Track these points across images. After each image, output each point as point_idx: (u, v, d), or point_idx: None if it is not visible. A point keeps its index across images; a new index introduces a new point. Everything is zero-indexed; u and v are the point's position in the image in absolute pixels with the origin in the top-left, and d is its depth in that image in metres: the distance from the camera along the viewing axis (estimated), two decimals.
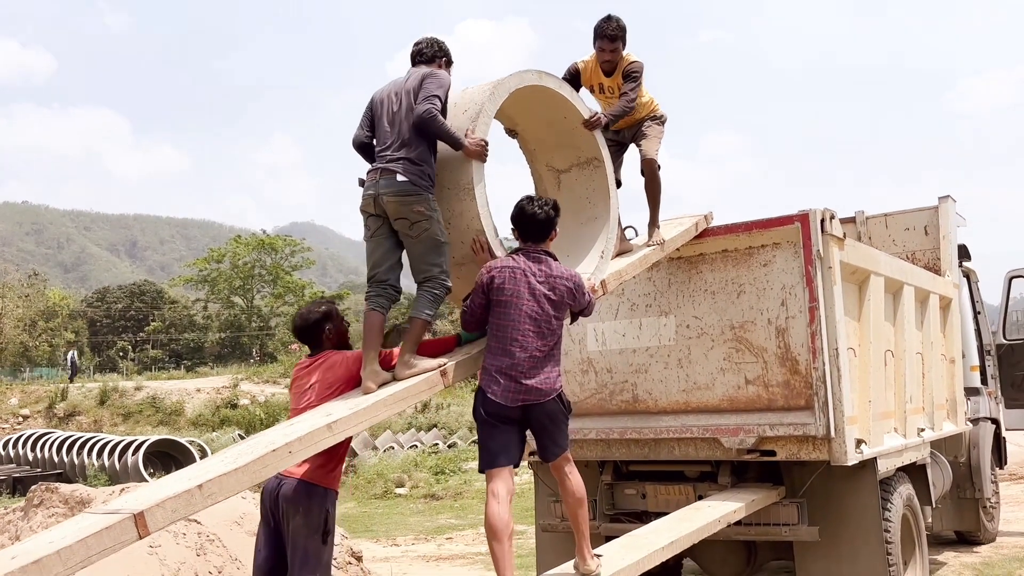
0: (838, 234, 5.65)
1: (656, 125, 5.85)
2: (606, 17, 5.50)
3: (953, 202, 8.75)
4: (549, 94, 4.96)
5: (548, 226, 4.41)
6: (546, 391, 4.24)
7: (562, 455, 4.43)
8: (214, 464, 3.23)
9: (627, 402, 6.13)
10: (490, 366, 4.26)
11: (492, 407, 4.21)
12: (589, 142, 5.19)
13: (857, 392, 5.90)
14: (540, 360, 4.24)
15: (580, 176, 5.30)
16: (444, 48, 4.66)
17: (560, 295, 4.29)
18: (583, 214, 5.26)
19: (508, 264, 4.28)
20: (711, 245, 5.90)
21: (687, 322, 5.94)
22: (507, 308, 4.26)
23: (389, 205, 4.21)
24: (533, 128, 5.34)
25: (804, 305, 5.49)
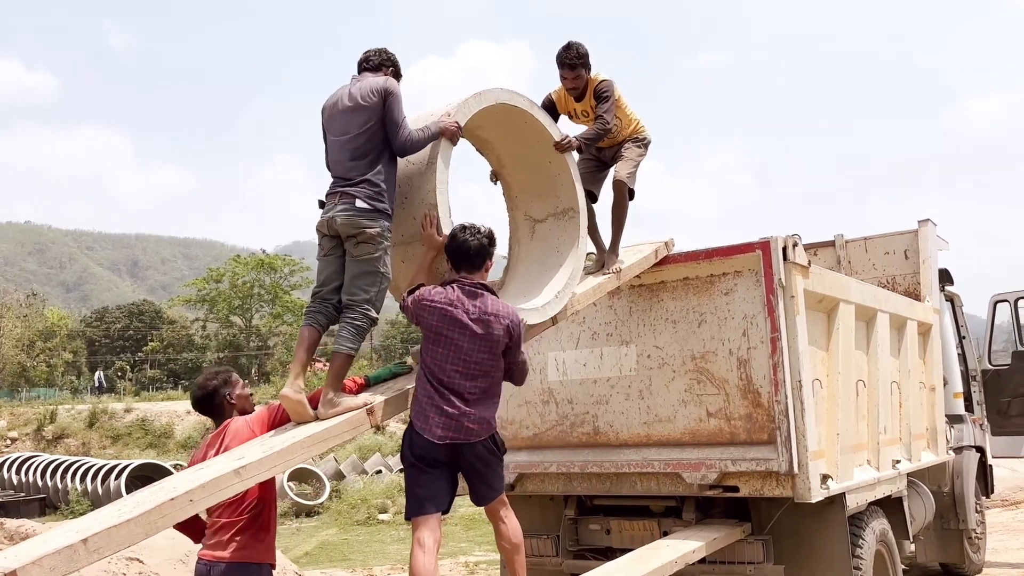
0: (802, 262, 5.47)
1: (636, 147, 5.74)
2: (565, 46, 5.42)
3: (934, 225, 8.58)
4: (520, 115, 4.89)
5: (482, 255, 4.24)
6: (477, 431, 4.06)
7: (497, 499, 4.26)
8: (107, 514, 3.04)
9: (588, 434, 5.93)
10: (421, 396, 4.10)
11: (420, 447, 4.04)
12: (569, 192, 5.14)
13: (824, 425, 5.70)
14: (471, 401, 4.06)
15: (555, 226, 5.23)
16: (393, 59, 4.57)
17: (496, 335, 4.09)
18: (548, 261, 5.15)
19: (439, 300, 4.10)
20: (672, 272, 5.72)
21: (648, 352, 5.75)
22: (436, 346, 4.10)
23: (342, 226, 4.11)
24: (518, 173, 5.30)
25: (766, 335, 5.31)
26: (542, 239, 5.25)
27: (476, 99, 4.59)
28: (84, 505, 17.49)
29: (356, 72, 4.51)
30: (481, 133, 5.16)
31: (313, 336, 4.17)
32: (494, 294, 4.24)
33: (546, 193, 5.25)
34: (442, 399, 4.01)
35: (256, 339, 66.95)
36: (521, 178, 5.33)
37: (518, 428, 6.20)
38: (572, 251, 5.09)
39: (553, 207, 5.25)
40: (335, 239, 4.21)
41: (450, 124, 4.33)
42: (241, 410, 4.17)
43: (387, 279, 4.17)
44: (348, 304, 4.10)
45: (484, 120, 4.93)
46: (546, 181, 5.23)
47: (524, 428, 6.17)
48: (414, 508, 4.07)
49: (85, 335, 73.86)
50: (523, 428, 6.17)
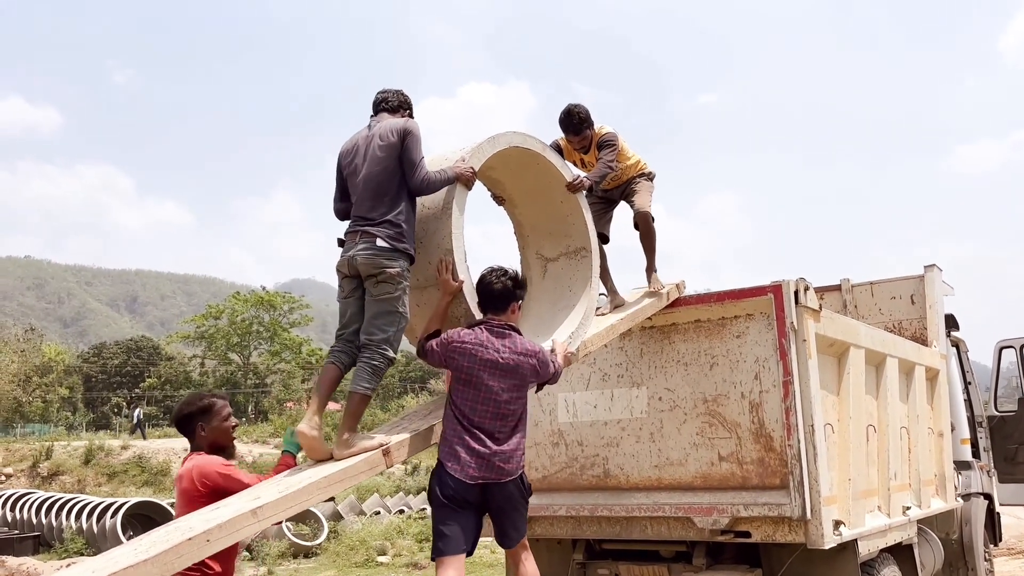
0: (813, 306, 5.48)
1: (645, 180, 5.95)
2: (566, 112, 5.54)
3: (939, 271, 8.61)
4: (533, 157, 4.94)
5: (507, 297, 4.32)
6: (508, 471, 4.11)
7: (520, 541, 4.29)
8: (123, 554, 3.00)
9: (598, 477, 5.89)
10: (451, 436, 4.13)
11: (450, 488, 4.07)
12: (581, 231, 5.19)
13: (836, 470, 5.67)
14: (501, 440, 4.12)
15: (566, 265, 5.27)
16: (409, 101, 4.62)
17: (523, 374, 4.20)
18: (561, 302, 5.17)
19: (469, 340, 4.17)
20: (684, 315, 5.73)
21: (659, 394, 5.73)
22: (468, 387, 4.15)
23: (362, 265, 4.13)
24: (528, 211, 5.35)
25: (778, 379, 5.29)
26: (554, 278, 5.27)
27: (490, 143, 4.64)
28: (78, 543, 17.28)
29: (372, 113, 4.55)
30: (492, 174, 5.21)
31: (335, 374, 4.18)
32: (520, 334, 4.31)
33: (557, 232, 5.29)
34: (473, 439, 4.06)
35: (254, 376, 66.73)
36: (532, 216, 5.37)
37: (527, 470, 6.10)
38: (585, 291, 5.11)
39: (565, 246, 5.28)
40: (355, 279, 4.23)
41: (465, 170, 4.36)
42: (212, 443, 3.95)
43: (405, 319, 4.19)
44: (366, 344, 4.11)
45: (496, 162, 4.98)
46: (558, 220, 5.27)
47: (533, 470, 6.12)
48: (440, 548, 4.08)
49: (82, 371, 73.54)
50: (532, 470, 6.12)
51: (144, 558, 2.85)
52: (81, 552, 16.90)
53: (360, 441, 3.98)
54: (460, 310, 4.34)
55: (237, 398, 65.78)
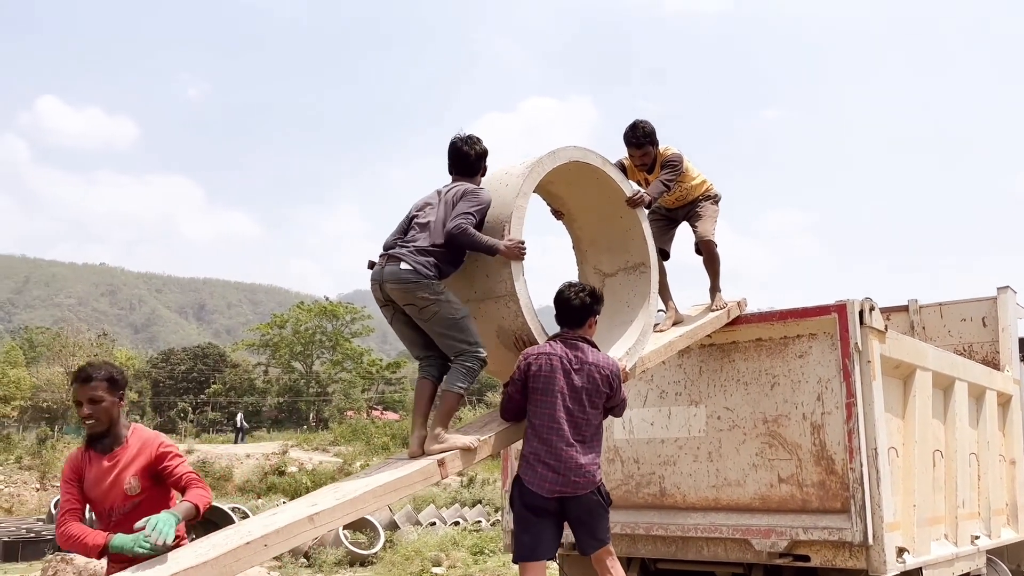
0: (878, 326, 5.35)
1: (710, 205, 5.92)
2: (631, 126, 5.55)
3: (1013, 293, 8.34)
4: (593, 171, 4.97)
5: (584, 312, 4.40)
6: (583, 484, 4.19)
7: (602, 548, 4.34)
8: (184, 556, 3.07)
9: (654, 495, 5.83)
10: (528, 454, 4.23)
11: (528, 498, 4.18)
12: (640, 247, 5.19)
13: (900, 495, 5.52)
14: (577, 451, 4.17)
15: (625, 281, 5.28)
16: (486, 155, 4.62)
17: (595, 383, 4.26)
18: (618, 317, 5.18)
19: (544, 351, 4.28)
20: (744, 333, 5.65)
21: (718, 413, 5.65)
22: (543, 396, 4.23)
23: (393, 293, 4.23)
24: (588, 225, 5.38)
25: (841, 400, 5.18)
26: (612, 293, 5.26)
27: (550, 158, 4.66)
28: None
29: (449, 164, 4.61)
30: (552, 188, 5.23)
31: (429, 388, 4.33)
32: (594, 346, 4.37)
33: (616, 247, 5.28)
34: (548, 453, 4.14)
35: (316, 385, 67.65)
36: (591, 231, 5.38)
37: None
38: (643, 306, 5.08)
39: (624, 261, 5.27)
40: (390, 305, 4.31)
41: (514, 247, 4.31)
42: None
43: (465, 315, 4.24)
44: (456, 354, 4.21)
45: (556, 176, 5.00)
46: (617, 235, 5.26)
47: None
48: (522, 553, 4.22)
49: (151, 376, 75.46)
50: None
51: (204, 560, 2.90)
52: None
53: (451, 438, 4.09)
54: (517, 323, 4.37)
55: (299, 406, 66.82)
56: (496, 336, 4.50)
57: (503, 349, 4.53)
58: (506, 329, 4.43)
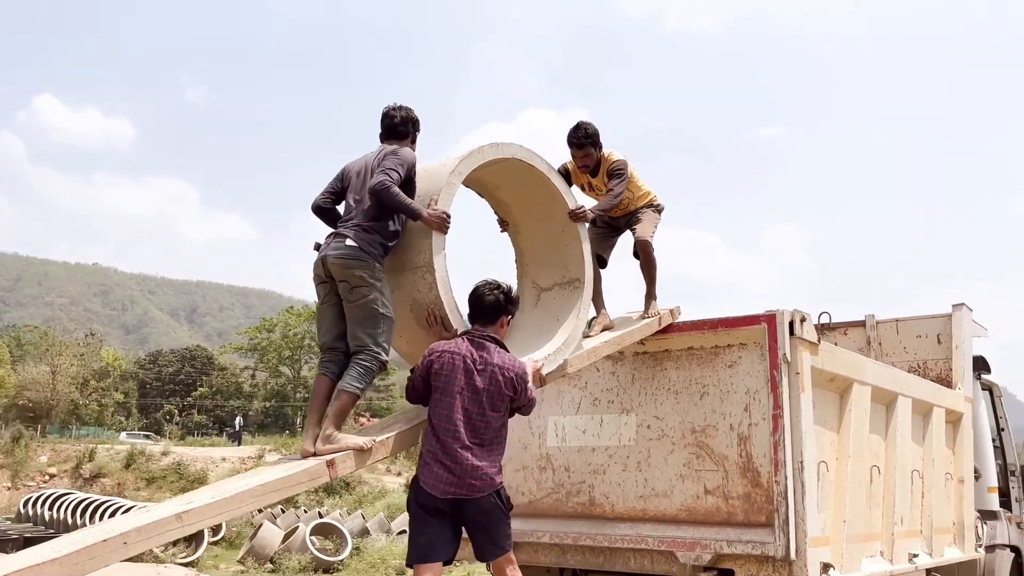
0: (810, 338, 5.28)
1: (651, 211, 5.87)
2: (575, 126, 5.54)
3: (969, 311, 8.28)
4: (540, 180, 4.92)
5: (497, 311, 4.31)
6: (479, 486, 4.06)
7: (503, 556, 4.23)
8: (41, 552, 2.97)
9: (583, 505, 5.74)
10: (425, 453, 4.12)
11: (423, 498, 4.06)
12: (577, 263, 5.13)
13: (830, 511, 5.44)
14: (473, 453, 4.06)
15: (559, 295, 5.21)
16: (417, 124, 4.63)
17: (497, 385, 4.14)
18: (545, 327, 5.10)
19: (449, 349, 4.17)
20: (677, 341, 5.57)
21: (648, 422, 5.57)
22: (443, 395, 4.13)
23: (333, 267, 4.16)
24: (532, 240, 5.32)
25: (768, 412, 5.10)
26: (544, 308, 5.20)
27: (493, 148, 4.60)
28: None
29: (380, 131, 4.60)
30: (500, 194, 5.18)
31: (327, 386, 4.20)
32: (503, 347, 4.26)
33: (555, 262, 5.24)
34: (445, 454, 4.03)
35: (303, 390, 67.39)
36: (534, 245, 5.35)
37: (513, 494, 5.97)
38: (569, 319, 5.00)
39: (560, 276, 5.21)
40: (328, 284, 4.25)
41: (438, 215, 4.24)
42: None
43: (389, 318, 4.18)
44: (356, 349, 4.13)
45: (503, 180, 4.96)
46: (557, 250, 5.22)
47: (520, 494, 5.98)
48: (415, 555, 4.08)
49: (138, 377, 75.13)
50: (518, 494, 5.98)
51: (55, 556, 2.81)
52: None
53: (344, 439, 3.97)
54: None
55: (285, 410, 66.56)
56: (410, 311, 4.39)
57: (415, 328, 4.42)
58: (420, 303, 4.32)
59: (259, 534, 17.59)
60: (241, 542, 18.74)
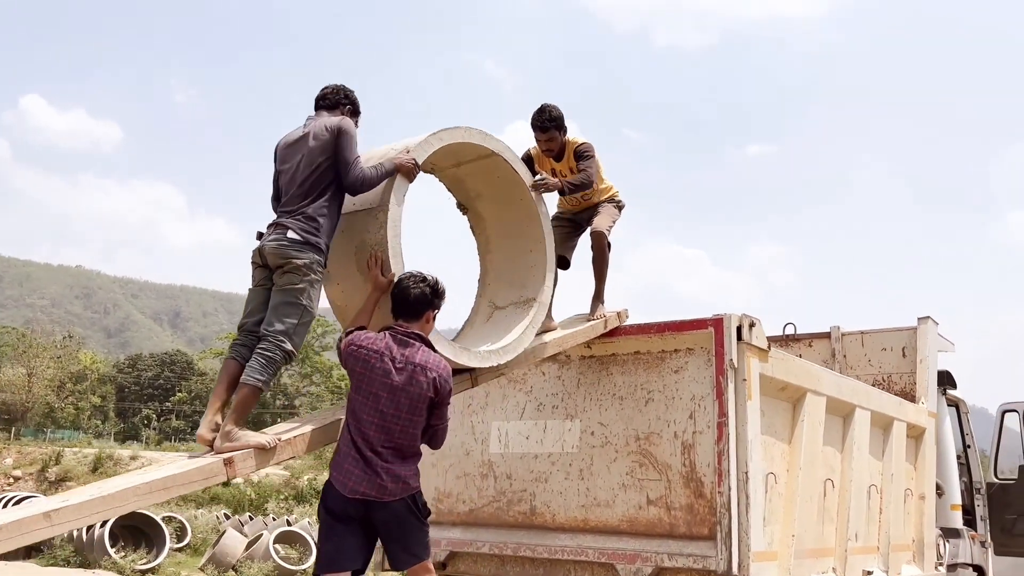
0: (759, 344, 5.08)
1: (612, 206, 5.72)
2: (539, 109, 5.39)
3: (935, 324, 8.13)
4: (514, 182, 4.83)
5: (422, 305, 4.06)
6: (392, 490, 3.82)
7: (418, 565, 3.98)
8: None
9: (524, 514, 5.51)
10: (339, 450, 3.89)
11: (333, 500, 3.84)
12: (537, 283, 4.99)
13: (779, 524, 5.24)
14: (387, 456, 3.83)
15: (512, 313, 5.04)
16: (351, 96, 4.48)
17: (419, 386, 3.89)
18: (492, 337, 4.90)
19: (367, 345, 3.93)
20: (624, 345, 5.37)
21: (592, 428, 5.36)
22: (357, 393, 3.91)
23: (269, 256, 4.00)
24: (500, 258, 5.21)
25: (713, 420, 4.90)
26: (495, 324, 5.04)
27: (448, 134, 4.47)
28: (67, 551, 17.08)
29: (313, 110, 4.45)
30: (480, 207, 5.12)
31: (234, 370, 3.96)
32: (429, 346, 4.04)
33: (515, 282, 5.11)
34: (358, 452, 3.81)
35: (283, 398, 66.89)
36: (500, 263, 5.23)
37: (454, 502, 5.80)
38: (517, 328, 4.82)
39: (518, 296, 5.08)
40: (265, 269, 4.10)
41: (407, 161, 4.20)
42: None
43: (309, 313, 4.00)
44: (263, 334, 3.93)
45: (484, 188, 4.93)
46: (521, 269, 5.10)
47: (460, 502, 5.77)
48: (323, 564, 3.86)
49: (116, 380, 74.42)
50: (459, 502, 5.77)
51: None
52: (68, 560, 16.71)
53: (245, 437, 3.73)
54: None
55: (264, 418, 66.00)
56: (355, 254, 4.21)
57: (355, 276, 4.23)
58: (366, 244, 4.14)
59: (222, 541, 17.25)
60: (205, 549, 18.39)
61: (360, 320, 4.12)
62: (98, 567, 16.21)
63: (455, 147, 4.54)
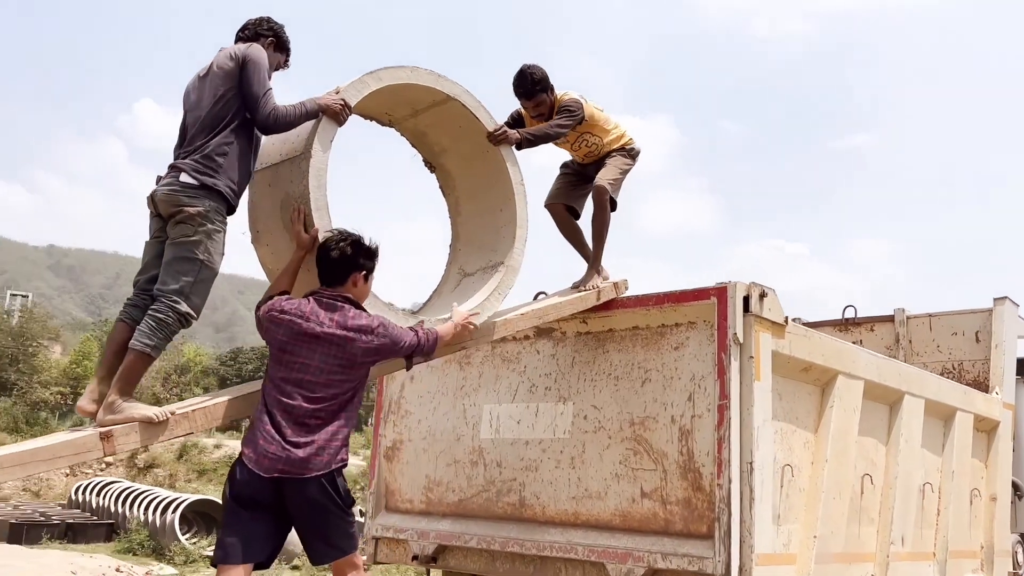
0: (772, 317, 4.44)
1: (622, 157, 5.14)
2: (518, 73, 4.89)
3: (1014, 305, 7.23)
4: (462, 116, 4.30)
5: (345, 266, 3.61)
6: (310, 465, 3.36)
7: (344, 559, 3.51)
8: None
9: (513, 506, 5.00)
10: (255, 422, 3.46)
11: (241, 482, 3.39)
12: (507, 246, 4.46)
13: (797, 523, 4.58)
14: (309, 427, 3.40)
15: (479, 279, 4.53)
16: (275, 28, 3.97)
17: (351, 353, 3.47)
18: (462, 298, 4.40)
19: (289, 310, 3.51)
20: (622, 320, 4.79)
21: (585, 412, 4.80)
22: (278, 365, 3.49)
23: (161, 203, 3.57)
24: (470, 222, 4.74)
25: (714, 402, 4.29)
26: (461, 291, 4.53)
27: (389, 73, 3.97)
28: (141, 535, 17.39)
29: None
30: (445, 162, 4.66)
31: (124, 334, 3.51)
32: (359, 307, 3.61)
33: (486, 247, 4.61)
34: (274, 425, 3.39)
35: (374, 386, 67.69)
36: (470, 227, 4.75)
37: (444, 491, 5.33)
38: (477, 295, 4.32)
39: (487, 261, 4.56)
40: (160, 219, 3.65)
41: (334, 101, 3.73)
42: None
43: (208, 269, 3.55)
44: (156, 294, 3.49)
45: (446, 140, 4.51)
46: (491, 231, 4.60)
47: (450, 492, 5.29)
48: (220, 554, 3.42)
49: (219, 373, 76.81)
50: (449, 491, 5.30)
51: None
52: (143, 544, 16.98)
53: (131, 408, 3.31)
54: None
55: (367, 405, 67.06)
56: (280, 209, 3.79)
57: (281, 233, 3.81)
58: (291, 197, 3.71)
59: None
60: None
61: (281, 284, 3.70)
62: (168, 551, 16.39)
63: (405, 92, 4.06)
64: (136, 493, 20.03)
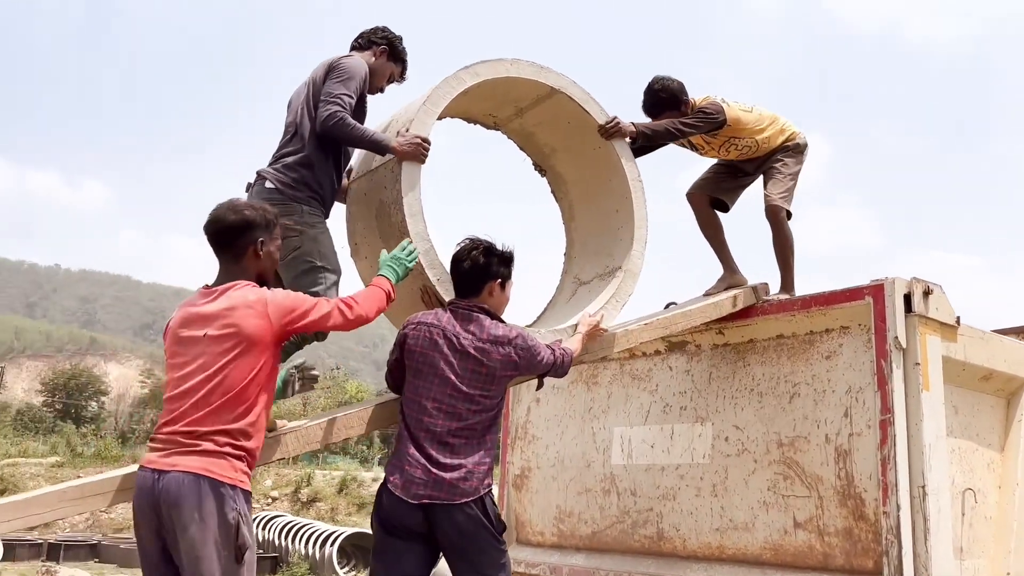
0: (941, 318, 3.84)
1: (787, 157, 4.66)
2: (646, 90, 4.60)
3: None
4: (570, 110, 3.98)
5: (479, 276, 3.39)
6: (461, 489, 3.13)
7: None
8: None
9: (650, 538, 4.54)
10: (398, 446, 3.28)
11: (388, 508, 3.20)
12: (623, 251, 4.12)
13: (984, 558, 3.92)
14: (455, 448, 3.18)
15: (595, 287, 4.20)
16: (389, 36, 3.81)
17: (493, 364, 3.24)
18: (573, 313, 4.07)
19: (427, 321, 3.32)
20: (764, 329, 4.29)
21: (726, 433, 4.30)
22: (417, 378, 3.28)
23: None
24: (584, 225, 4.44)
25: (875, 418, 3.72)
26: (578, 301, 4.19)
27: (487, 68, 3.69)
28: (303, 568, 17.75)
29: None
30: (556, 164, 4.35)
31: None
32: (495, 318, 3.38)
33: (601, 252, 4.27)
34: (418, 448, 3.19)
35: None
36: (585, 232, 4.42)
37: (576, 522, 4.93)
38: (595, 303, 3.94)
39: (603, 267, 4.22)
40: None
41: (408, 143, 3.46)
42: (259, 273, 3.00)
43: (330, 271, 3.45)
44: None
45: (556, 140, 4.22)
46: (607, 237, 4.26)
47: (583, 523, 4.89)
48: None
49: None
50: (581, 523, 4.89)
51: None
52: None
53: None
54: None
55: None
56: (376, 219, 3.63)
57: (379, 244, 3.59)
58: (385, 204, 3.53)
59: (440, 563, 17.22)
60: None
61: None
62: None
63: (507, 88, 3.76)
64: (298, 527, 20.60)
